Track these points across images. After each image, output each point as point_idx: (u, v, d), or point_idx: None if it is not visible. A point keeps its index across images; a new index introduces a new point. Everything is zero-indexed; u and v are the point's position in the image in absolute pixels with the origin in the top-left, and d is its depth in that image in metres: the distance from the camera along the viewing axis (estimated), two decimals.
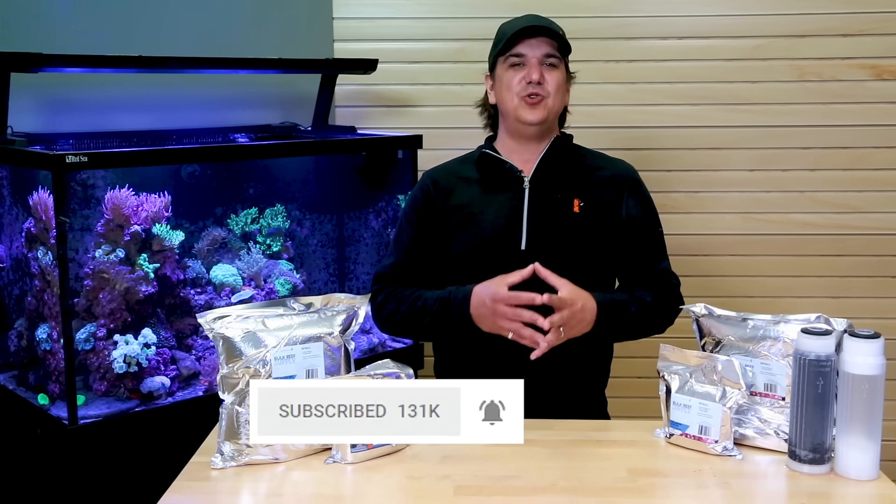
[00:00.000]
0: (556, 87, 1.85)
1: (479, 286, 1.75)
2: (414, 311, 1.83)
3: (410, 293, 1.86)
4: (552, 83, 1.84)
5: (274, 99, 2.72)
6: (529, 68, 1.83)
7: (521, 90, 1.84)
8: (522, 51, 1.84)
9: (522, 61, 1.84)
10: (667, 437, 1.60)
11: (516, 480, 1.45)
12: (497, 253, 1.83)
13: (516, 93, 1.84)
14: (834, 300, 2.85)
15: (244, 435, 1.49)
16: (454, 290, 1.79)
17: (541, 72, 1.83)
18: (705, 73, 2.79)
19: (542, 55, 1.84)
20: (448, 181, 1.93)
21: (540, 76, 1.83)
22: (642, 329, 1.85)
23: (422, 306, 1.82)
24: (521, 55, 1.84)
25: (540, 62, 1.84)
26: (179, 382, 2.17)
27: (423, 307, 1.82)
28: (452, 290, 1.80)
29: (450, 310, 1.78)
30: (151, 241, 2.14)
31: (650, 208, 1.92)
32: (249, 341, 1.52)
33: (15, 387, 2.14)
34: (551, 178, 1.87)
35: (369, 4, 2.79)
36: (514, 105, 1.85)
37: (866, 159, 2.80)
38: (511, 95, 1.85)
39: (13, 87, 2.04)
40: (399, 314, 1.86)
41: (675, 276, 1.91)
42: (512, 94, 1.85)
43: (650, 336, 1.88)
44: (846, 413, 1.43)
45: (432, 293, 1.83)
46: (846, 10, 2.73)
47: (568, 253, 1.82)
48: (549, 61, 1.85)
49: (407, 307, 1.84)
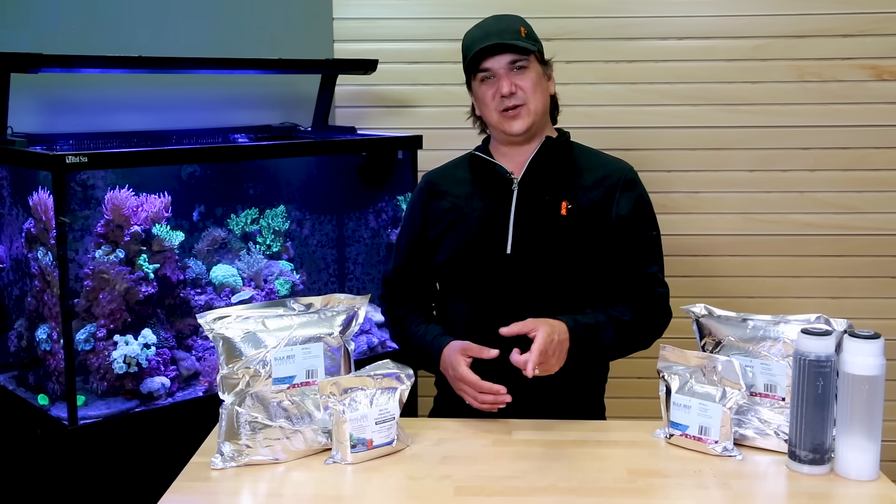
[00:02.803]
0: (532, 89, 1.82)
1: (449, 349, 1.77)
2: (404, 339, 1.92)
3: (404, 315, 1.93)
4: (527, 86, 1.81)
5: (274, 99, 2.72)
6: (499, 81, 1.81)
7: (498, 105, 1.82)
8: (488, 65, 1.81)
9: (491, 74, 1.82)
10: (667, 437, 1.60)
11: (516, 480, 1.45)
12: (483, 256, 1.82)
13: (494, 108, 1.83)
14: (834, 300, 2.85)
15: (244, 435, 1.50)
16: (432, 341, 1.82)
17: (510, 81, 1.80)
18: (705, 74, 2.79)
19: (508, 63, 1.81)
20: (443, 184, 1.93)
21: (510, 86, 1.80)
22: (622, 349, 1.83)
23: (409, 338, 1.89)
24: (488, 69, 1.82)
25: (508, 70, 1.81)
26: (179, 383, 2.17)
27: (410, 340, 1.89)
28: (430, 340, 1.83)
29: (427, 355, 1.84)
30: (151, 241, 2.14)
31: (644, 209, 1.87)
32: (249, 342, 1.52)
33: (15, 387, 2.14)
34: (540, 181, 1.84)
35: (369, 5, 2.79)
36: (497, 119, 1.84)
37: (866, 159, 2.80)
38: (490, 111, 1.84)
39: (13, 87, 2.04)
40: (395, 335, 1.97)
41: (664, 284, 1.86)
42: (490, 109, 1.84)
43: (635, 352, 1.85)
44: (846, 413, 1.43)
45: (418, 329, 1.88)
46: (846, 10, 2.73)
47: (553, 257, 1.80)
48: (517, 66, 1.81)
49: (399, 331, 1.93)
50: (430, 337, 1.83)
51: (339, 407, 1.50)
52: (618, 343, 1.79)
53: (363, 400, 1.51)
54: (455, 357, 1.73)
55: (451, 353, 1.75)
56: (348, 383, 1.51)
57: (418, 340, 1.86)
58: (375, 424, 1.52)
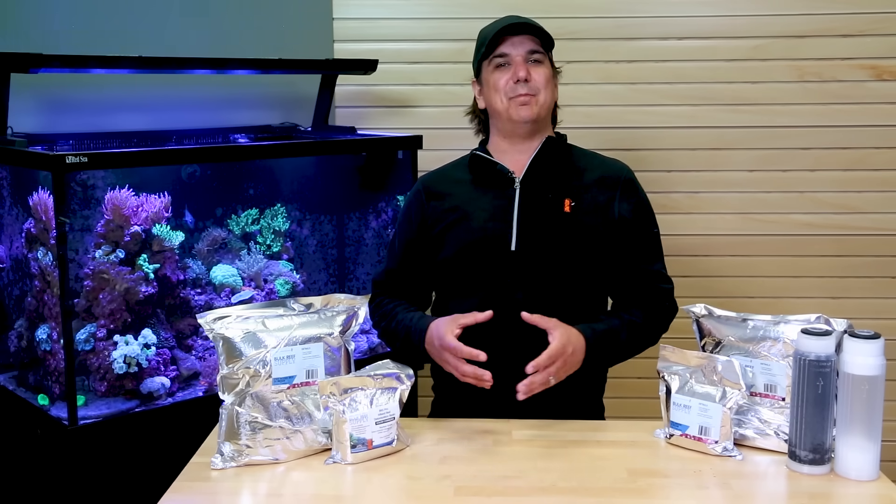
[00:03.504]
0: (545, 83, 1.84)
1: (434, 324, 1.73)
2: (389, 331, 1.88)
3: (391, 309, 1.89)
4: (540, 79, 1.83)
5: (274, 99, 2.72)
6: (515, 67, 1.82)
7: (510, 90, 1.83)
8: (506, 50, 1.83)
9: (507, 61, 1.83)
10: (667, 437, 1.60)
11: (516, 480, 1.45)
12: (487, 254, 1.82)
13: (505, 93, 1.84)
14: (834, 300, 2.85)
15: (244, 435, 1.50)
16: (416, 322, 1.79)
17: (527, 69, 1.82)
18: (705, 74, 2.79)
19: (527, 52, 1.83)
20: (440, 186, 1.93)
21: (527, 73, 1.81)
22: (634, 350, 1.84)
23: (394, 329, 1.85)
24: (506, 55, 1.83)
25: (525, 59, 1.83)
26: (179, 383, 2.17)
27: (395, 331, 1.85)
28: (414, 322, 1.80)
29: (411, 340, 1.79)
30: (151, 241, 2.14)
31: (644, 209, 1.89)
32: (249, 342, 1.52)
33: (15, 387, 2.14)
34: (542, 179, 1.85)
35: (369, 5, 2.79)
36: (505, 106, 1.84)
37: (866, 160, 2.80)
38: (500, 96, 1.84)
39: (13, 87, 2.04)
40: (380, 329, 1.92)
41: (668, 280, 1.89)
42: (500, 94, 1.84)
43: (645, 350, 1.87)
44: (846, 413, 1.43)
45: (404, 316, 1.84)
46: (846, 10, 2.73)
47: (558, 253, 1.81)
48: (533, 58, 1.83)
49: (385, 323, 1.89)
50: (415, 320, 1.80)
51: (339, 407, 1.50)
52: (631, 344, 1.82)
53: (363, 400, 1.51)
54: (443, 327, 1.68)
55: (438, 326, 1.71)
56: (348, 383, 1.51)
57: (403, 329, 1.82)
58: (375, 424, 1.52)
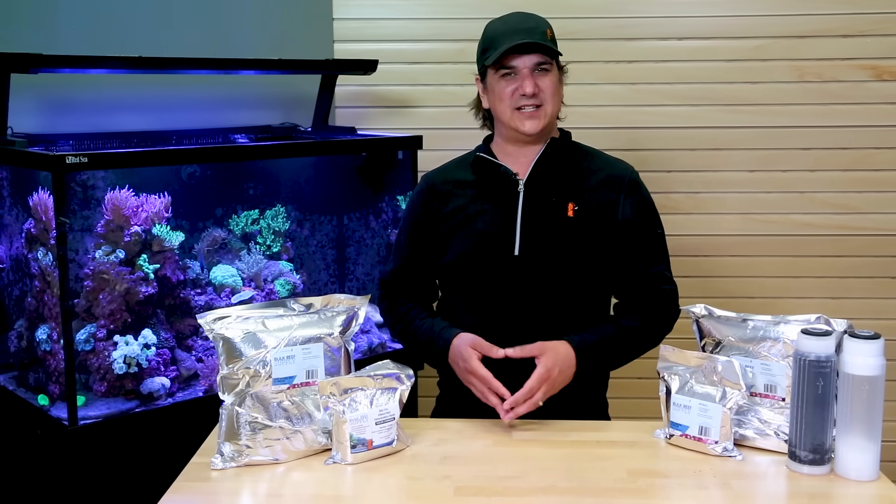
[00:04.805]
0: (552, 93, 1.81)
1: (459, 341, 1.75)
2: (407, 335, 1.89)
3: (406, 311, 1.90)
4: (547, 90, 1.80)
5: (274, 99, 2.72)
6: (522, 80, 1.78)
7: (516, 102, 1.80)
8: (514, 63, 1.79)
9: (514, 71, 1.80)
10: (667, 437, 1.60)
11: (516, 481, 1.45)
12: (491, 258, 1.82)
13: (510, 105, 1.81)
14: (834, 301, 2.85)
15: (244, 436, 1.49)
16: (440, 332, 1.80)
17: (534, 82, 1.78)
18: (705, 74, 2.79)
19: (534, 64, 1.79)
20: (444, 186, 1.91)
21: (534, 87, 1.78)
22: (632, 356, 1.84)
23: (413, 333, 1.87)
24: (513, 67, 1.79)
25: (532, 71, 1.79)
26: (179, 383, 2.17)
27: (414, 335, 1.86)
28: (438, 332, 1.81)
29: (434, 348, 1.81)
30: (151, 241, 2.14)
31: (648, 210, 1.88)
32: (249, 342, 1.52)
33: (15, 387, 2.14)
34: (546, 182, 1.84)
35: (369, 5, 2.79)
36: (509, 116, 1.81)
37: (866, 160, 2.80)
38: (505, 107, 1.81)
39: (13, 87, 2.04)
40: (396, 331, 1.94)
41: (671, 282, 1.87)
42: (506, 105, 1.81)
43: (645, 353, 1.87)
44: (846, 414, 1.43)
45: (423, 323, 1.85)
46: (846, 10, 2.73)
47: (561, 258, 1.80)
48: (541, 67, 1.80)
49: (402, 327, 1.90)
50: (438, 328, 1.81)
51: (339, 407, 1.50)
52: (628, 352, 1.82)
53: (363, 400, 1.51)
54: (466, 350, 1.72)
55: (462, 346, 1.74)
56: (348, 383, 1.51)
57: (423, 334, 1.84)
58: (375, 425, 1.52)
